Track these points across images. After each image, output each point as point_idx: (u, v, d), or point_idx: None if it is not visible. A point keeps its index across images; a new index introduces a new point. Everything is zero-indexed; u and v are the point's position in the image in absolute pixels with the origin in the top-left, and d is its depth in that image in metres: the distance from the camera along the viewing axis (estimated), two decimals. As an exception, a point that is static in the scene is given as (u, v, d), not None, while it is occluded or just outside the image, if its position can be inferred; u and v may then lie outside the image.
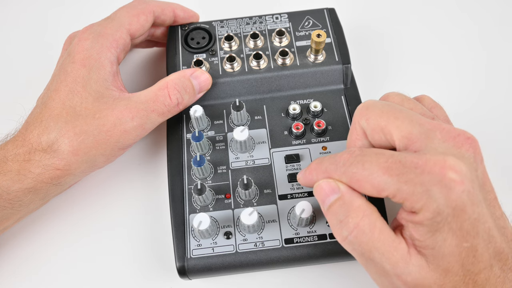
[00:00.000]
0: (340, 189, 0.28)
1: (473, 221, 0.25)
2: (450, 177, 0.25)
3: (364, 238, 0.26)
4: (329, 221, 0.29)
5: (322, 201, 0.29)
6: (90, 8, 0.55)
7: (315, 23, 0.44)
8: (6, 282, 0.38)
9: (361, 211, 0.27)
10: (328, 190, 0.28)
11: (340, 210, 0.28)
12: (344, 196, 0.28)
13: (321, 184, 0.29)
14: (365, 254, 0.27)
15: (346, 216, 0.27)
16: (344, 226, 0.27)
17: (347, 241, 0.27)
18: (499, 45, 0.50)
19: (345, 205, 0.27)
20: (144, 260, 0.38)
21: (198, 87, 0.39)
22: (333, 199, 0.28)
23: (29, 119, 0.37)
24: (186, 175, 0.38)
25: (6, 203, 0.34)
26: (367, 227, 0.27)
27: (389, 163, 0.26)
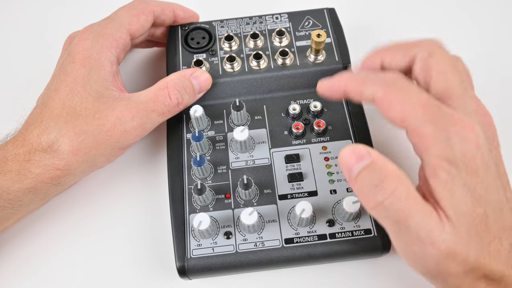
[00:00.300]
0: (371, 154, 0.27)
1: (485, 187, 0.26)
2: (472, 137, 0.26)
3: (400, 204, 0.26)
4: (358, 187, 0.27)
5: (351, 166, 0.27)
6: (90, 8, 0.55)
7: (315, 23, 0.44)
8: (6, 282, 0.38)
9: (397, 176, 0.26)
10: (359, 154, 0.27)
11: (374, 175, 0.26)
12: (376, 161, 0.27)
13: (351, 148, 0.27)
14: (400, 221, 0.26)
15: (382, 180, 0.26)
16: (379, 191, 0.26)
17: (382, 207, 0.26)
18: (500, 45, 0.50)
19: (379, 169, 0.26)
20: (144, 260, 0.38)
21: (198, 87, 0.39)
22: (365, 163, 0.27)
23: (29, 119, 0.37)
24: (186, 175, 0.38)
25: (6, 203, 0.34)
26: (404, 193, 0.26)
27: (429, 102, 0.27)
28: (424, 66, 0.30)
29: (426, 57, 0.30)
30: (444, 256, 0.25)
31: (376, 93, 0.28)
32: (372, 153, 0.27)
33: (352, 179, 0.27)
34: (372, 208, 0.27)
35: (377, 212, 0.27)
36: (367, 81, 0.29)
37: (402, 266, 0.37)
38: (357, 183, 0.27)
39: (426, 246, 0.26)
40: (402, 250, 0.28)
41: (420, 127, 0.26)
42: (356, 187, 0.27)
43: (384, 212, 0.26)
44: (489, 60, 0.48)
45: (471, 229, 0.25)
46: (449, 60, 0.29)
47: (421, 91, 0.27)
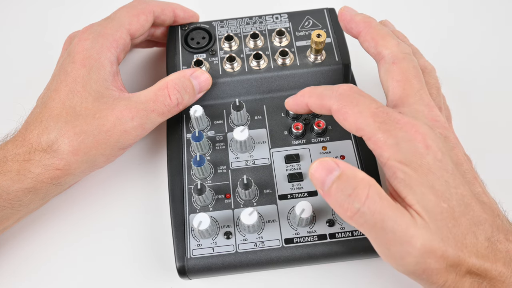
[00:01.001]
0: (340, 166, 0.28)
1: (444, 183, 0.27)
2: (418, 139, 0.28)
3: (376, 206, 0.26)
4: (333, 200, 0.28)
5: (322, 181, 0.28)
6: (90, 8, 0.55)
7: (315, 23, 0.44)
8: (6, 282, 0.38)
9: (367, 182, 0.27)
10: (328, 167, 0.28)
11: (346, 185, 0.27)
12: (346, 171, 0.28)
13: (320, 162, 0.29)
14: (378, 224, 0.26)
15: (355, 188, 0.27)
16: (354, 198, 0.27)
17: (359, 214, 0.27)
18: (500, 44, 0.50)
19: (350, 179, 0.27)
20: (144, 260, 0.38)
21: (198, 87, 0.39)
22: (335, 175, 0.28)
23: (29, 119, 0.37)
24: (186, 175, 0.38)
25: (6, 203, 0.34)
26: (377, 196, 0.27)
27: (378, 110, 0.29)
28: (387, 71, 0.33)
29: (390, 63, 0.33)
30: (422, 253, 0.26)
31: (332, 106, 0.31)
32: (340, 164, 0.28)
33: (326, 192, 0.28)
34: (350, 217, 0.27)
35: (355, 220, 0.27)
36: (324, 97, 0.32)
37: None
38: (331, 196, 0.28)
39: (403, 245, 0.26)
40: (383, 254, 0.28)
41: (373, 135, 0.29)
42: (330, 199, 0.28)
43: (361, 218, 0.27)
44: (488, 59, 0.48)
45: (441, 224, 0.26)
46: (410, 70, 0.32)
47: (371, 101, 0.30)
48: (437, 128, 0.30)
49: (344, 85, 0.32)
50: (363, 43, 0.35)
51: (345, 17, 0.36)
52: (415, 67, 0.33)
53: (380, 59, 0.34)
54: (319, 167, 0.28)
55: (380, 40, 0.34)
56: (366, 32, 0.34)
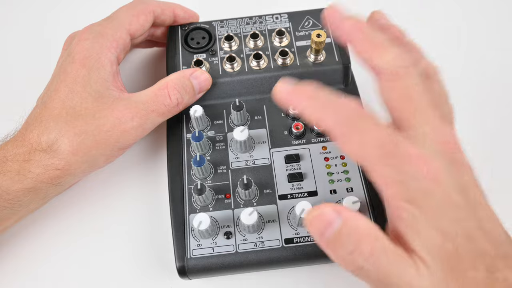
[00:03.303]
0: (342, 215, 0.25)
1: (450, 220, 0.25)
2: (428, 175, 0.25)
3: (381, 262, 0.24)
4: (334, 253, 0.26)
5: (321, 232, 0.26)
6: (90, 8, 0.55)
7: (315, 23, 0.43)
8: (6, 282, 0.38)
9: (371, 234, 0.25)
10: (327, 219, 0.25)
11: (348, 239, 0.25)
12: (348, 221, 0.25)
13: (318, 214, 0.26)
14: (382, 279, 0.25)
15: (358, 243, 0.25)
16: (358, 255, 0.25)
17: (364, 270, 0.25)
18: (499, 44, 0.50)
19: (352, 231, 0.25)
20: (144, 260, 0.38)
21: (198, 87, 0.39)
22: (336, 227, 0.25)
23: (29, 119, 0.37)
24: (186, 175, 0.38)
25: (6, 203, 0.34)
26: (382, 251, 0.25)
27: (386, 140, 0.26)
28: (386, 89, 0.29)
29: (391, 79, 0.28)
30: None
31: (334, 130, 0.27)
32: (342, 213, 0.25)
33: (325, 247, 0.26)
34: (353, 271, 0.26)
35: (357, 274, 0.26)
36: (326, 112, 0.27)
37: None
38: (332, 251, 0.26)
39: None
40: None
41: (377, 169, 0.26)
42: (331, 253, 0.26)
43: (365, 273, 0.25)
44: (487, 59, 0.48)
45: (446, 267, 0.25)
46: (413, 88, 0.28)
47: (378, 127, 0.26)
48: (447, 152, 0.27)
49: (349, 103, 0.27)
50: (356, 54, 0.30)
51: (331, 22, 0.31)
52: (418, 83, 0.28)
53: (378, 73, 0.29)
54: (316, 221, 0.26)
55: (375, 52, 0.29)
56: (358, 41, 0.30)
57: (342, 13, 0.30)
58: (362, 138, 0.26)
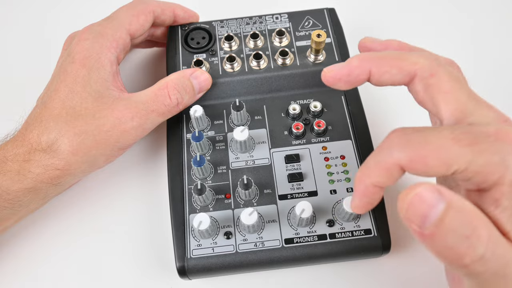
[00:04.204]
0: (444, 194, 0.21)
1: None
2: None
3: (500, 249, 0.21)
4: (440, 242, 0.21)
5: (424, 216, 0.21)
6: (90, 8, 0.55)
7: (315, 23, 0.44)
8: (6, 282, 0.38)
9: (481, 216, 0.21)
10: (431, 197, 0.21)
11: (459, 222, 0.21)
12: (454, 201, 0.21)
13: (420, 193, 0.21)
14: (499, 271, 0.21)
15: (474, 227, 0.21)
16: (476, 241, 0.21)
17: (483, 261, 0.21)
18: (499, 44, 0.50)
19: (462, 212, 0.21)
20: (144, 260, 0.38)
21: (198, 87, 0.39)
22: (441, 209, 0.20)
23: (29, 119, 0.37)
24: (186, 175, 0.38)
25: (6, 203, 0.34)
26: (497, 235, 0.21)
27: (455, 134, 0.22)
28: (427, 87, 0.27)
29: (428, 77, 0.27)
30: None
31: (401, 160, 0.23)
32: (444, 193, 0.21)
33: (429, 233, 0.21)
34: (467, 265, 0.21)
35: (472, 268, 0.21)
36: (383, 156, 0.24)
37: (402, 266, 0.37)
38: (439, 238, 0.21)
39: None
40: None
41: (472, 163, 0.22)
42: (437, 243, 0.21)
43: (483, 266, 0.21)
44: (488, 59, 0.48)
45: None
46: (452, 76, 0.27)
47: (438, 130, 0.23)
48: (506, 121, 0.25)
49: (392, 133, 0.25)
50: (382, 77, 0.28)
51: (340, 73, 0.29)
52: (452, 71, 0.27)
53: (412, 78, 0.27)
54: (415, 200, 0.21)
55: (401, 61, 0.27)
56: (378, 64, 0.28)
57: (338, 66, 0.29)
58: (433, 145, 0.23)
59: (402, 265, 0.37)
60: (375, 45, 0.32)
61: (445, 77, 0.26)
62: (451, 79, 0.26)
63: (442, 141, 0.22)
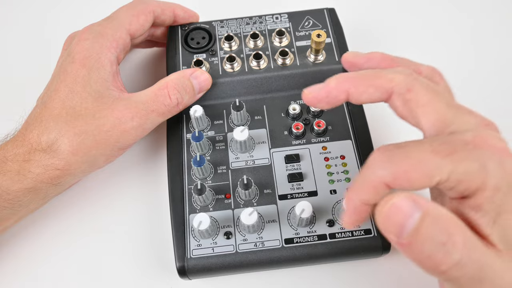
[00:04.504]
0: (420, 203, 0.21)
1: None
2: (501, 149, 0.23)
3: (475, 254, 0.21)
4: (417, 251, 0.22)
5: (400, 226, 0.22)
6: (90, 8, 0.55)
7: (315, 23, 0.44)
8: (6, 282, 0.38)
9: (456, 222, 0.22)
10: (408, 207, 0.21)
11: (436, 230, 0.21)
12: (430, 210, 0.21)
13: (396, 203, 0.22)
14: (476, 275, 0.22)
15: (449, 234, 0.21)
16: (452, 248, 0.21)
17: (459, 266, 0.21)
18: (498, 44, 0.50)
19: (438, 221, 0.21)
20: (144, 260, 0.38)
21: (198, 87, 0.39)
22: (417, 218, 0.21)
23: (29, 119, 0.37)
24: (186, 175, 0.38)
25: (6, 203, 0.34)
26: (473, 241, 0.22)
27: (434, 146, 0.23)
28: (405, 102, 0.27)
29: (405, 92, 0.27)
30: None
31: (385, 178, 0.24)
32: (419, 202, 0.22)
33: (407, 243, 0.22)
34: (444, 272, 0.22)
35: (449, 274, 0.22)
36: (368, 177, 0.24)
37: (402, 266, 0.37)
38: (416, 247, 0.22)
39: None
40: None
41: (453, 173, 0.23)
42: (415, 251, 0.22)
43: (459, 271, 0.22)
44: (487, 60, 0.48)
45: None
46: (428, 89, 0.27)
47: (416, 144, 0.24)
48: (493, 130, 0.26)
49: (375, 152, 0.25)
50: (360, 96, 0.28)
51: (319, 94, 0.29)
52: (428, 83, 0.28)
53: (389, 95, 0.28)
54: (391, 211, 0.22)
55: (377, 80, 0.28)
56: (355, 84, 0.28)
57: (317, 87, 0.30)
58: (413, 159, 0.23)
59: (402, 265, 0.37)
60: (357, 59, 0.32)
61: (422, 90, 0.27)
62: (428, 92, 0.27)
63: (422, 155, 0.23)
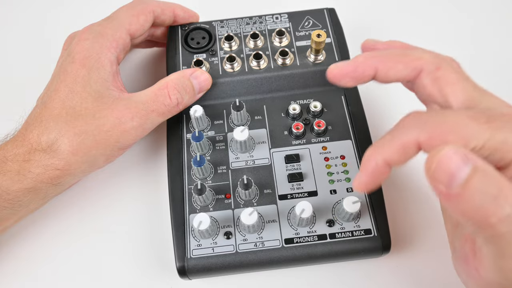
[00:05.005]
0: (469, 157, 0.21)
1: None
2: None
3: None
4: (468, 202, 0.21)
5: (452, 175, 0.21)
6: (90, 8, 0.55)
7: (315, 23, 0.44)
8: (6, 282, 0.38)
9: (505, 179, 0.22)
10: (459, 160, 0.21)
11: (487, 182, 0.21)
12: (482, 164, 0.21)
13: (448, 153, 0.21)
14: None
15: (501, 187, 0.21)
16: (504, 201, 0.21)
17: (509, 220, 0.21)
18: (498, 44, 0.50)
19: (488, 174, 0.21)
20: (144, 260, 0.38)
21: (198, 87, 0.39)
22: (468, 171, 0.21)
23: (29, 119, 0.37)
24: (186, 175, 0.38)
25: (6, 203, 0.34)
26: None
27: (472, 113, 0.24)
28: (434, 80, 0.28)
29: (434, 70, 0.28)
30: None
31: (420, 137, 0.24)
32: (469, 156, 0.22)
33: (458, 193, 0.21)
34: (492, 225, 0.21)
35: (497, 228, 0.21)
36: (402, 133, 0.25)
37: (402, 266, 0.37)
38: (467, 197, 0.21)
39: None
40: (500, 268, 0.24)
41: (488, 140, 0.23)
42: (465, 202, 0.21)
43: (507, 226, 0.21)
44: (487, 59, 0.48)
45: None
46: (456, 69, 0.28)
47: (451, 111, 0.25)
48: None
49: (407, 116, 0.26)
50: (387, 73, 0.29)
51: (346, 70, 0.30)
52: (453, 65, 0.28)
53: (418, 73, 0.28)
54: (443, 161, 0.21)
55: (406, 57, 0.28)
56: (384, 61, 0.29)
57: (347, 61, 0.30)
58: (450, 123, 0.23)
59: (402, 265, 0.37)
60: (378, 46, 0.33)
61: (450, 69, 0.27)
62: (455, 72, 0.27)
63: (460, 119, 0.23)
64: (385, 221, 0.35)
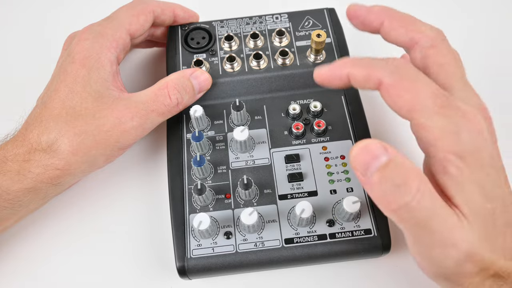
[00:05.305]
0: (388, 152, 0.24)
1: (492, 182, 0.25)
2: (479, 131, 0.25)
3: (426, 203, 0.24)
4: (376, 189, 0.24)
5: (367, 164, 0.24)
6: (90, 8, 0.55)
7: (315, 23, 0.44)
8: (6, 282, 0.38)
9: (418, 173, 0.24)
10: (376, 150, 0.24)
11: (395, 173, 0.24)
12: (395, 157, 0.24)
13: (365, 145, 0.25)
14: (423, 222, 0.24)
15: (406, 178, 0.24)
16: (404, 190, 0.24)
17: (406, 209, 0.24)
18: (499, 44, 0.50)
19: (399, 167, 0.24)
20: (144, 260, 0.38)
21: (198, 87, 0.39)
22: (383, 160, 0.24)
23: (29, 119, 0.37)
24: (186, 175, 0.38)
25: (6, 203, 0.34)
26: (428, 191, 0.24)
27: (439, 92, 0.26)
28: (425, 55, 0.29)
29: (428, 47, 0.29)
30: (464, 257, 0.25)
31: (384, 78, 0.26)
32: (389, 150, 0.24)
33: (369, 180, 0.25)
34: (394, 211, 0.25)
35: (399, 214, 0.25)
36: (374, 67, 0.27)
37: (402, 266, 0.37)
38: (376, 185, 0.24)
39: (447, 248, 0.25)
40: (419, 253, 0.27)
41: (428, 119, 0.25)
42: (374, 188, 0.25)
43: (407, 213, 0.24)
44: (488, 59, 0.48)
45: (483, 227, 0.25)
46: (451, 53, 0.29)
47: (429, 80, 0.26)
48: (486, 119, 0.27)
49: (398, 58, 0.28)
50: (389, 32, 0.30)
51: (360, 12, 0.31)
52: (455, 51, 0.29)
53: (413, 44, 0.30)
54: (362, 151, 0.24)
55: (410, 25, 0.30)
56: (391, 19, 0.30)
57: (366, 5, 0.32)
58: (416, 85, 0.26)
59: (402, 265, 0.37)
60: None
61: (444, 51, 0.29)
62: (449, 55, 0.29)
63: (425, 88, 0.26)
64: (385, 221, 0.35)
